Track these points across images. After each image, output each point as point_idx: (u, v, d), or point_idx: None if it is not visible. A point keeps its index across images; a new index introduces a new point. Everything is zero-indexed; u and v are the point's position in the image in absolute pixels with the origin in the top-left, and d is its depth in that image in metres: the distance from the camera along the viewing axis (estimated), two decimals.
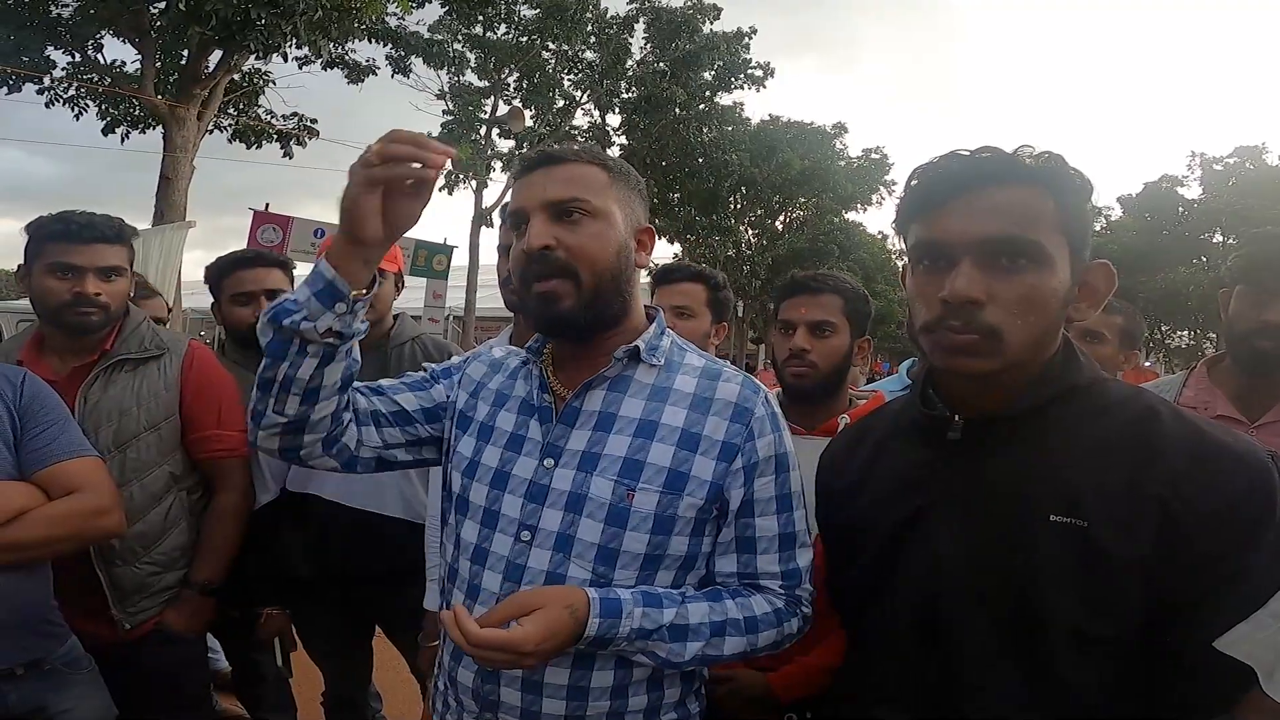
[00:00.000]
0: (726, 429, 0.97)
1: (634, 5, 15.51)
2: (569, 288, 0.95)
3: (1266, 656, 0.75)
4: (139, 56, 8.91)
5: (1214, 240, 24.88)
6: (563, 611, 0.88)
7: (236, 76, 9.75)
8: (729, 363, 1.07)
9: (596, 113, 16.51)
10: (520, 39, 14.02)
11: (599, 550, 0.94)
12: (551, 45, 14.24)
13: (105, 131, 9.92)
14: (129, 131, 9.96)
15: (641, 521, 0.94)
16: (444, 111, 14.44)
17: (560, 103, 15.50)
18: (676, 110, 15.68)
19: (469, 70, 14.43)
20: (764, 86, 16.42)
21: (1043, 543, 0.82)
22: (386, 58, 13.14)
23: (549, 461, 0.98)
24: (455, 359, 1.18)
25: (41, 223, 1.61)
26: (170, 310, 2.48)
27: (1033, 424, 0.86)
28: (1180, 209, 25.46)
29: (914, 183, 0.88)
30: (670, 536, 0.96)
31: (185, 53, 8.97)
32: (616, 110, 16.34)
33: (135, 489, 1.63)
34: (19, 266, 1.67)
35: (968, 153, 0.85)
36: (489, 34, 13.92)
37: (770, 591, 1.01)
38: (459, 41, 14.02)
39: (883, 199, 20.48)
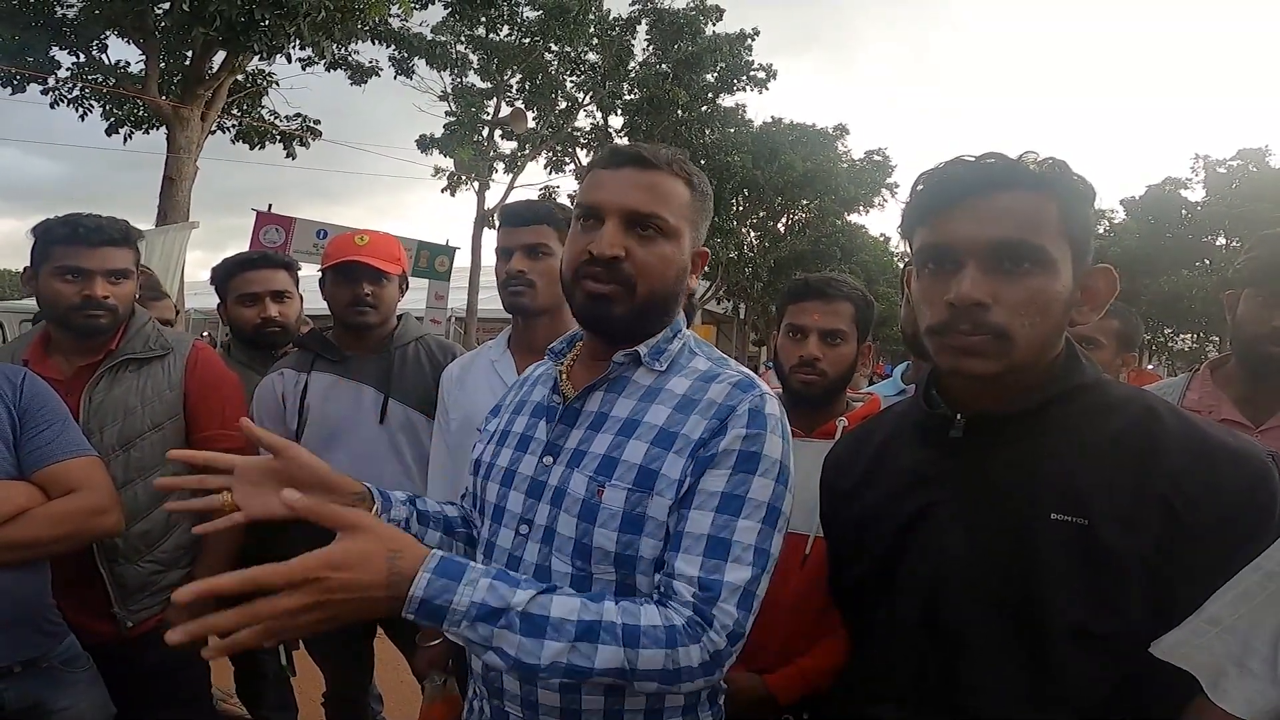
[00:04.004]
0: (703, 427, 0.92)
1: (636, 7, 15.53)
2: (621, 294, 0.96)
3: (1207, 664, 0.74)
4: (143, 57, 8.94)
5: (1217, 243, 24.83)
6: (378, 546, 0.75)
7: (240, 77, 9.77)
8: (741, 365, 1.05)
9: (599, 114, 16.53)
10: (523, 40, 14.04)
11: (575, 545, 0.94)
12: (554, 47, 14.26)
13: (109, 132, 9.94)
14: (132, 132, 9.99)
15: (610, 518, 0.92)
16: (446, 113, 14.49)
17: (563, 104, 15.53)
18: (679, 112, 15.70)
19: (471, 71, 14.48)
20: (766, 88, 16.44)
21: (1044, 540, 0.82)
22: (389, 59, 13.17)
23: (548, 459, 1.00)
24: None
25: (49, 226, 1.62)
26: (178, 312, 2.49)
27: (1034, 423, 0.87)
28: (1184, 211, 25.42)
29: (920, 188, 0.89)
30: (640, 537, 0.91)
31: (189, 53, 8.99)
32: (619, 112, 16.36)
33: (139, 488, 1.64)
34: (25, 268, 1.67)
35: (973, 159, 0.86)
36: (491, 35, 13.96)
37: (679, 599, 0.85)
38: (462, 43, 14.05)
39: (885, 201, 20.46)
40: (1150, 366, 23.29)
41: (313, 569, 0.73)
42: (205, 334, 10.54)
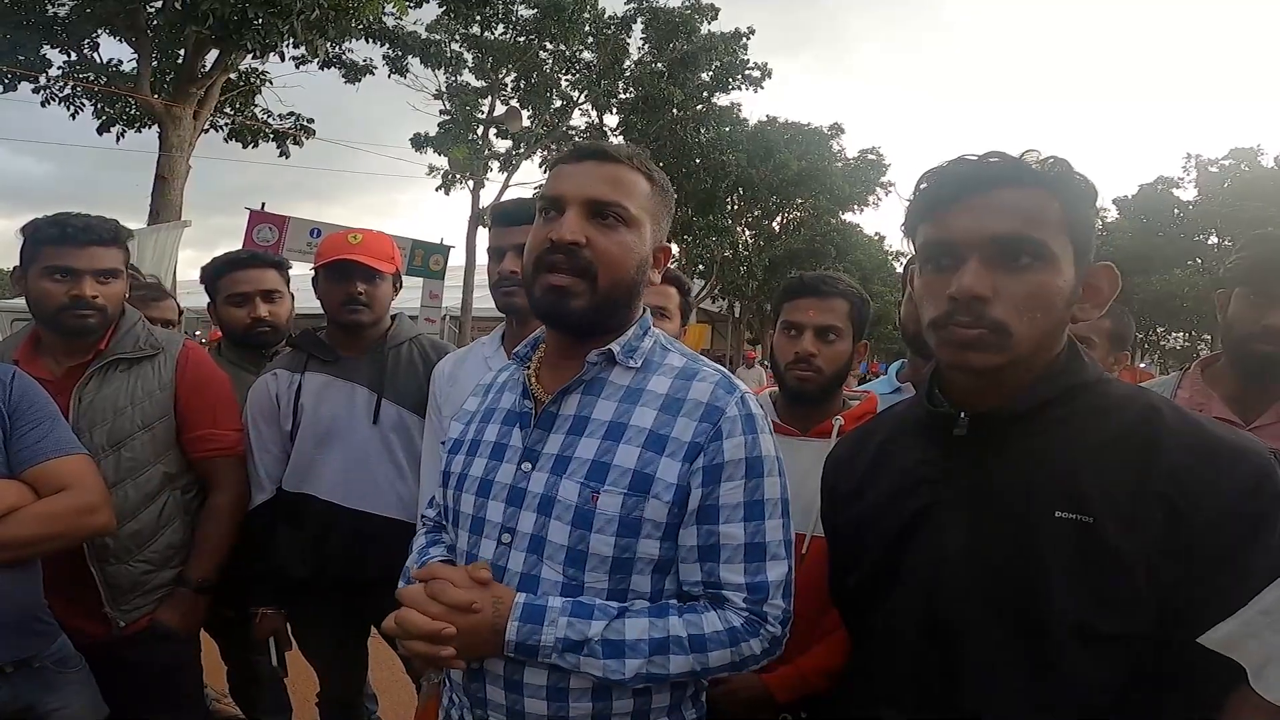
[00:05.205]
0: (694, 429, 0.94)
1: (631, 5, 15.52)
2: (582, 286, 0.96)
3: (1255, 653, 0.74)
4: (135, 55, 8.88)
5: (1209, 242, 24.99)
6: (484, 595, 0.93)
7: (233, 76, 9.72)
8: (713, 362, 1.06)
9: (594, 113, 16.51)
10: (518, 39, 14.02)
11: (567, 552, 0.94)
12: (549, 45, 14.24)
13: (101, 130, 9.89)
14: (124, 130, 9.93)
15: (607, 524, 0.93)
16: (441, 111, 14.45)
17: (558, 103, 15.51)
18: (674, 111, 15.69)
19: (466, 70, 14.43)
20: (761, 87, 16.45)
21: (1047, 539, 0.82)
22: (384, 57, 13.15)
23: (526, 465, 0.99)
24: (459, 410, 1.19)
25: (37, 226, 1.61)
26: (182, 314, 2.47)
27: (1037, 421, 0.87)
28: (1176, 211, 25.58)
29: (923, 186, 0.90)
30: (638, 539, 0.94)
31: (182, 52, 8.95)
32: (614, 110, 16.35)
33: (129, 488, 1.63)
34: (15, 268, 1.67)
35: (975, 157, 0.88)
36: (486, 34, 13.92)
37: (732, 605, 0.94)
38: (456, 41, 14.01)
39: (879, 200, 20.53)
40: (1142, 365, 23.42)
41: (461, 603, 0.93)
42: (197, 334, 10.49)
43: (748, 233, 19.60)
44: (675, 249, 18.05)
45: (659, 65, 15.68)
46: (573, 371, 1.01)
